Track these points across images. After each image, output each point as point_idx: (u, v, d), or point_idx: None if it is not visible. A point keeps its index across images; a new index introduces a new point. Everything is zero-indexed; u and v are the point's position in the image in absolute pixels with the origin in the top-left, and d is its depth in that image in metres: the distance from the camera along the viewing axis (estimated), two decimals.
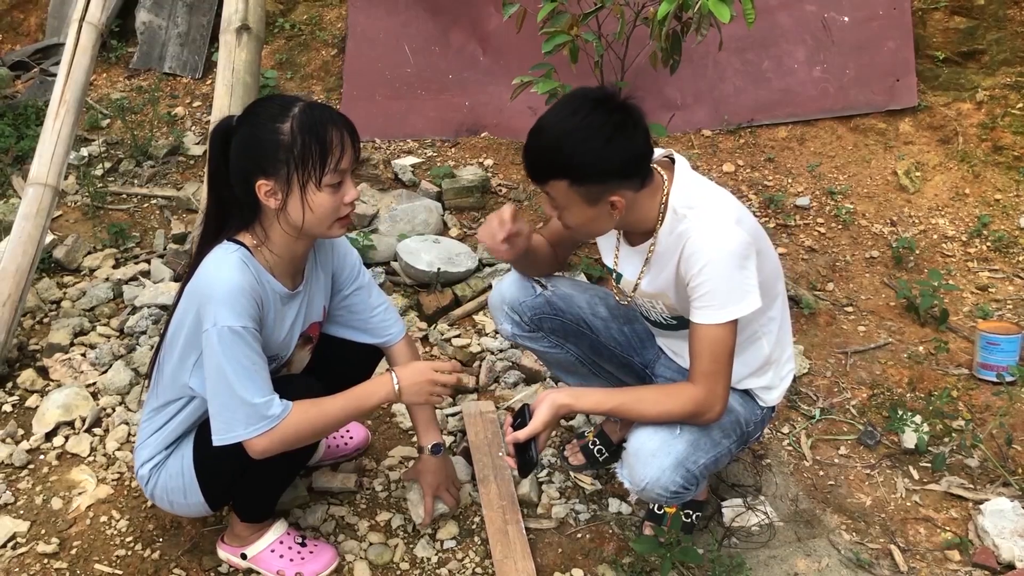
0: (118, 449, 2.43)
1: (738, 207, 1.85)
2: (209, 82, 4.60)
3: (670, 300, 1.92)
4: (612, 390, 1.97)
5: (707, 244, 1.75)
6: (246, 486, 1.93)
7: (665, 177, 1.85)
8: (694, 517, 2.20)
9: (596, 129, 1.70)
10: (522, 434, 1.84)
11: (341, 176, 1.76)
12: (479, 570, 2.11)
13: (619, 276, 2.05)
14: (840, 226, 3.70)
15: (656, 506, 2.20)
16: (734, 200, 1.87)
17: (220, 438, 1.76)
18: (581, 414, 2.17)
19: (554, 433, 2.56)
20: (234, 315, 1.70)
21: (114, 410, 2.58)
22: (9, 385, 2.68)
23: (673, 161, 1.90)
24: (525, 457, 1.86)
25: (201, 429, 1.89)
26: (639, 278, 1.97)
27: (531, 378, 2.77)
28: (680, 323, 1.97)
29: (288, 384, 1.86)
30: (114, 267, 3.29)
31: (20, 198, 2.95)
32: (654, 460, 1.83)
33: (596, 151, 1.70)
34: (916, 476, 2.44)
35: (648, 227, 1.89)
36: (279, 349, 1.91)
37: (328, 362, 2.11)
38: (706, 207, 1.80)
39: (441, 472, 2.20)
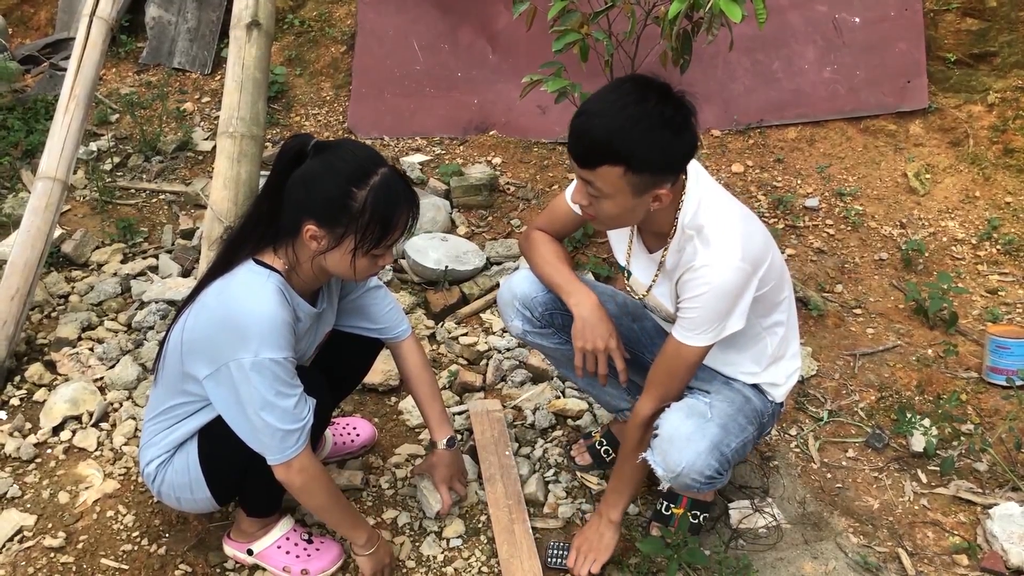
0: (125, 444, 2.44)
1: (744, 226, 1.83)
2: (218, 78, 4.60)
3: (671, 311, 1.95)
4: (618, 486, 2.05)
5: (705, 277, 1.76)
6: (253, 481, 1.93)
7: (686, 178, 1.84)
8: (701, 518, 2.20)
9: (666, 119, 1.67)
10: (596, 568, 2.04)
11: (388, 250, 1.80)
12: (485, 569, 2.10)
13: (630, 274, 2.06)
14: (849, 228, 3.68)
15: (663, 506, 2.20)
16: (740, 214, 1.85)
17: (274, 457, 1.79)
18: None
19: (560, 433, 2.56)
20: (276, 348, 1.71)
21: (121, 405, 2.59)
22: (17, 379, 2.68)
23: None
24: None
25: (207, 425, 1.89)
26: (652, 282, 1.99)
27: (538, 377, 2.77)
28: None
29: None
30: (122, 262, 3.29)
31: (29, 192, 2.95)
32: (690, 444, 1.83)
33: (663, 142, 1.68)
34: (924, 480, 2.43)
35: (664, 230, 1.88)
36: (300, 361, 1.93)
37: (330, 354, 2.12)
38: (712, 233, 1.78)
39: (454, 465, 2.22)
